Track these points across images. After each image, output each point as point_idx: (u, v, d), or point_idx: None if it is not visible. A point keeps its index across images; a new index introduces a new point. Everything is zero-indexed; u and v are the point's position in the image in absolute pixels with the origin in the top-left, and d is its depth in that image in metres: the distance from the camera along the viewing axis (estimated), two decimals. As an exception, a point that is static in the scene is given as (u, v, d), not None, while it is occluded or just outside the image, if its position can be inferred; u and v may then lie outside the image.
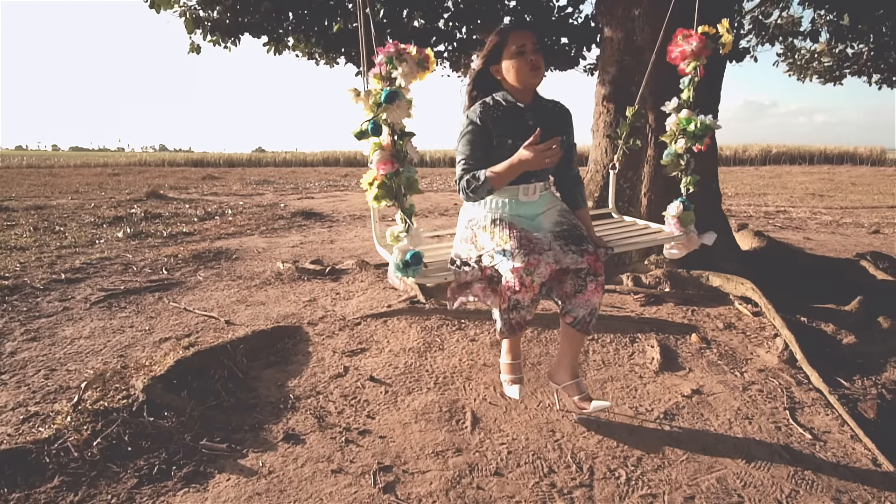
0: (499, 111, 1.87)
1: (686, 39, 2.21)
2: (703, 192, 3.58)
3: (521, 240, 1.79)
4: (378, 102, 1.75)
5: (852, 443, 1.81)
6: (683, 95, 2.28)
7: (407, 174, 1.78)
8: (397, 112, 1.76)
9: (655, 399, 2.11)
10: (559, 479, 1.63)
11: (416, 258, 1.75)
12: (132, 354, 2.49)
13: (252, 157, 34.60)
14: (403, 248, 1.76)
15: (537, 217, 1.96)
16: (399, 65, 1.76)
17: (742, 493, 1.58)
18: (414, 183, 1.80)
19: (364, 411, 2.02)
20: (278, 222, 6.68)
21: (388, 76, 1.77)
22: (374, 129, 1.75)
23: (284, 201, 9.33)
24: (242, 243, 5.03)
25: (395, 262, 1.76)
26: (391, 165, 1.75)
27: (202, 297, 3.35)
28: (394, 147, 1.76)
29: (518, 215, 1.92)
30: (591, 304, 1.84)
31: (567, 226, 1.94)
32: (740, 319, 2.83)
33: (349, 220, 7.04)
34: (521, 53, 1.82)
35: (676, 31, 2.25)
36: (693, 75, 2.23)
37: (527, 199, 1.94)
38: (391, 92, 1.73)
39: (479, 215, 1.95)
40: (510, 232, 1.83)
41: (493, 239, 1.84)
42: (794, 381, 2.22)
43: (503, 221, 1.88)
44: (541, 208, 1.97)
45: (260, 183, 15.17)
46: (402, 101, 1.75)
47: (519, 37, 1.82)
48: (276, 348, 2.54)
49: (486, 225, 1.89)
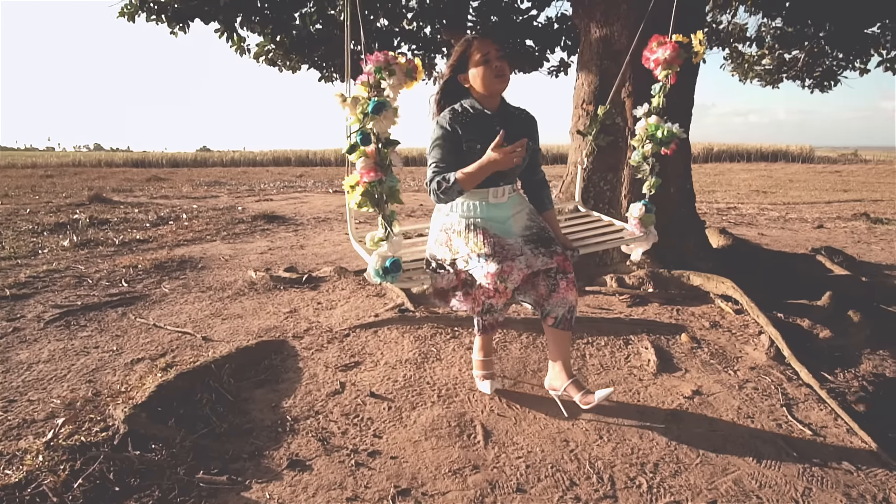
0: (467, 117, 1.94)
1: (660, 47, 2.24)
2: (679, 193, 3.68)
3: (494, 246, 1.89)
4: (365, 112, 1.73)
5: (849, 436, 1.88)
6: (654, 102, 2.33)
7: (390, 183, 1.81)
8: (384, 122, 1.78)
9: (659, 401, 2.12)
10: (582, 492, 1.61)
11: (396, 265, 1.81)
12: (102, 379, 2.29)
13: (197, 157, 33.24)
14: (383, 254, 1.81)
15: (508, 220, 2.02)
16: (388, 76, 1.75)
17: (759, 493, 1.60)
18: (396, 192, 1.83)
19: (370, 430, 1.92)
20: (239, 226, 6.40)
21: (377, 85, 1.75)
22: (364, 139, 1.74)
23: (241, 204, 8.97)
24: (205, 250, 4.77)
25: (375, 268, 1.80)
26: (375, 174, 1.75)
27: (171, 311, 3.14)
28: (378, 155, 1.75)
29: (489, 218, 1.99)
30: (568, 301, 1.91)
31: (536, 229, 2.04)
32: (724, 318, 2.91)
33: (314, 223, 6.83)
34: (486, 62, 1.89)
35: (652, 38, 2.29)
36: (664, 82, 2.28)
37: (496, 202, 2.00)
38: (378, 103, 1.75)
39: (454, 220, 2.01)
40: (484, 238, 1.91)
41: (468, 244, 1.91)
42: (785, 377, 2.29)
43: (477, 227, 1.95)
44: (510, 210, 2.04)
45: (211, 184, 14.54)
46: (388, 112, 1.77)
47: (482, 45, 1.89)
48: (264, 365, 2.40)
49: (461, 230, 1.96)
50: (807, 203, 9.94)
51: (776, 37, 6.72)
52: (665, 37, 2.26)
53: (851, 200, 10.27)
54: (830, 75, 6.79)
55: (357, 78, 1.79)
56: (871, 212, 8.25)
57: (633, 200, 3.53)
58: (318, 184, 14.89)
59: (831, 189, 12.71)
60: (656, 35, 2.29)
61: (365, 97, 1.78)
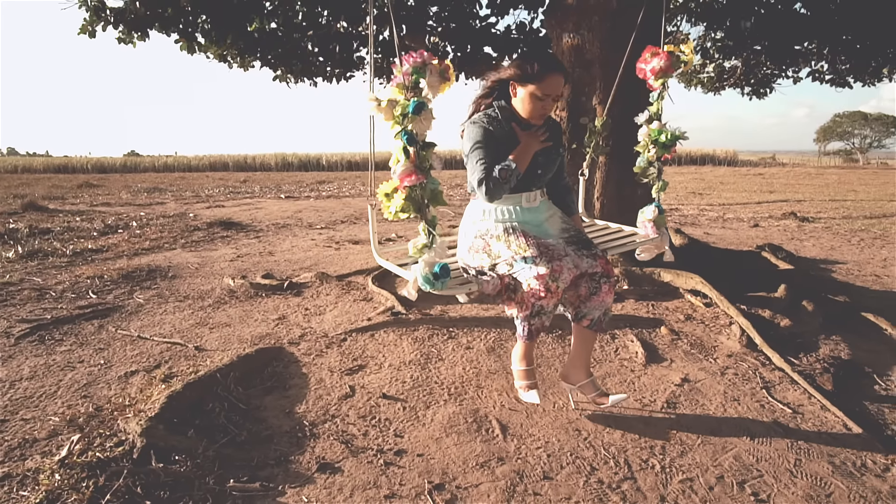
0: (503, 124, 1.97)
1: (654, 57, 2.41)
2: (646, 196, 3.91)
3: (539, 247, 1.89)
4: (405, 113, 1.73)
5: (823, 412, 2.10)
6: (652, 109, 2.48)
7: (431, 186, 1.78)
8: (423, 123, 1.76)
9: (653, 390, 2.28)
10: (604, 476, 1.72)
11: (445, 270, 1.77)
12: (98, 393, 2.20)
13: (127, 162, 31.38)
14: (430, 260, 1.76)
15: (543, 224, 2.05)
16: (425, 76, 1.75)
17: (758, 467, 1.77)
18: (438, 194, 1.80)
19: (389, 430, 1.96)
20: (196, 234, 6.17)
21: (414, 86, 1.75)
22: (410, 139, 1.72)
23: (192, 210, 8.62)
24: (169, 259, 4.59)
25: (423, 275, 1.76)
26: (415, 177, 1.73)
27: (153, 322, 3.02)
28: (417, 158, 1.74)
29: (525, 222, 2.01)
30: (605, 305, 1.98)
31: (573, 231, 2.08)
32: (695, 311, 3.14)
33: (274, 229, 6.68)
34: (543, 98, 1.91)
35: (646, 48, 2.45)
36: (661, 90, 2.44)
37: (529, 205, 2.04)
38: (419, 103, 1.72)
39: (489, 225, 2.01)
40: (526, 240, 1.91)
41: (510, 247, 1.92)
42: (759, 363, 2.52)
43: (515, 230, 1.96)
44: (544, 214, 2.08)
45: (151, 191, 13.84)
46: (427, 112, 1.75)
47: (554, 84, 1.89)
48: (268, 372, 2.37)
49: (500, 234, 1.96)
50: (739, 203, 10.70)
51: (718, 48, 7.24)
52: (658, 48, 2.41)
53: (778, 201, 11.15)
54: (765, 83, 7.40)
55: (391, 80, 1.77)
56: (798, 211, 9.00)
57: (605, 202, 3.77)
58: (265, 189, 14.50)
59: (758, 190, 13.72)
60: (649, 46, 2.45)
61: (402, 99, 1.77)
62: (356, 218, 7.81)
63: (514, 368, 2.09)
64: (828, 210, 9.41)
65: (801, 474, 1.73)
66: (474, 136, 1.94)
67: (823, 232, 6.88)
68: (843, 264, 4.90)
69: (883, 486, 1.68)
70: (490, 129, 1.94)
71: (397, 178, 1.76)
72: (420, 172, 1.74)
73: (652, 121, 2.48)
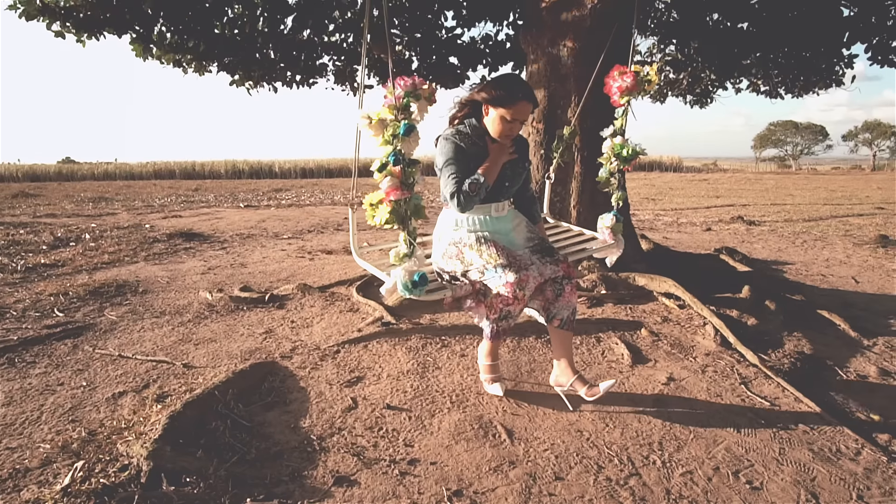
0: (474, 140, 2.14)
1: (622, 76, 2.56)
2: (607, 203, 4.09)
3: (508, 257, 2.08)
4: (395, 134, 1.83)
5: (797, 404, 2.28)
6: (617, 124, 2.65)
7: (415, 201, 1.90)
8: (410, 144, 1.87)
9: (642, 389, 2.40)
10: (611, 474, 1.81)
11: (423, 279, 1.92)
12: (88, 417, 2.10)
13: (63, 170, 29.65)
14: (410, 269, 1.92)
15: (510, 232, 2.25)
16: (415, 100, 1.86)
17: (748, 457, 1.90)
18: (421, 209, 1.96)
19: (399, 440, 1.99)
20: (157, 246, 5.94)
21: (405, 108, 1.85)
22: (396, 160, 1.82)
23: (147, 221, 8.28)
24: (135, 273, 4.40)
25: (403, 282, 1.90)
26: (401, 192, 1.85)
27: (131, 339, 2.91)
28: (403, 175, 1.85)
29: (495, 231, 2.19)
30: (572, 304, 2.16)
31: (537, 240, 2.29)
32: (670, 313, 3.31)
33: (240, 239, 6.52)
34: (511, 122, 2.07)
35: (614, 67, 2.60)
36: (626, 107, 2.61)
37: (498, 215, 2.23)
38: (409, 126, 1.84)
39: (463, 234, 2.18)
40: (497, 250, 2.09)
41: (482, 256, 2.08)
42: (735, 360, 2.69)
43: (487, 240, 2.14)
44: (511, 223, 2.27)
45: (96, 200, 13.17)
46: (415, 134, 1.86)
47: (522, 110, 2.06)
48: (265, 388, 2.34)
49: (472, 243, 2.14)
50: (690, 208, 11.25)
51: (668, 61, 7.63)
52: (626, 67, 2.57)
53: (725, 205, 11.80)
54: (708, 94, 7.86)
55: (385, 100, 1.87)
56: (745, 215, 9.57)
57: (581, 210, 3.92)
58: (220, 198, 14.09)
59: (705, 195, 14.47)
60: (617, 65, 2.61)
61: (392, 119, 1.86)
62: (322, 227, 7.72)
63: (480, 363, 2.33)
64: (770, 214, 10.04)
65: (787, 461, 1.88)
66: (446, 151, 2.10)
67: (770, 234, 7.35)
68: (791, 265, 5.27)
69: (858, 469, 1.84)
70: (461, 145, 2.11)
71: (383, 192, 1.85)
72: (405, 188, 1.85)
73: (616, 135, 2.64)
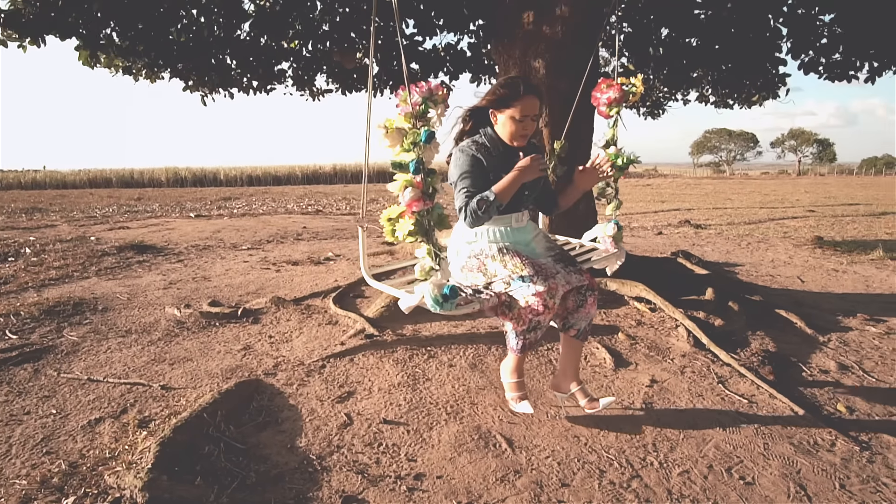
0: (491, 150, 2.03)
1: (609, 88, 2.66)
2: (586, 211, 4.21)
3: (535, 266, 2.00)
4: (416, 142, 1.78)
5: (772, 400, 2.41)
6: (608, 135, 2.72)
7: (437, 211, 1.84)
8: (430, 151, 1.82)
9: (628, 392, 2.48)
10: (613, 477, 1.86)
11: (454, 292, 1.83)
12: (65, 448, 1.96)
13: (-16, 179, 27.67)
14: (438, 282, 1.82)
15: (531, 242, 2.18)
16: (433, 105, 1.82)
17: (736, 453, 2.00)
18: (444, 218, 1.88)
19: (401, 455, 1.96)
20: (107, 260, 5.62)
21: (423, 115, 1.81)
22: (416, 168, 1.77)
23: (91, 233, 7.81)
24: (90, 289, 4.14)
25: (433, 296, 1.79)
26: (423, 203, 1.79)
27: (99, 361, 2.73)
28: (424, 185, 1.80)
29: (516, 241, 2.12)
30: (591, 315, 2.16)
31: (558, 249, 2.23)
32: (643, 316, 3.43)
33: (196, 251, 6.26)
34: (522, 120, 1.97)
35: (601, 80, 2.69)
36: (616, 118, 2.69)
37: (518, 226, 2.14)
38: (430, 133, 1.79)
39: (483, 246, 2.09)
40: (521, 260, 2.02)
41: (507, 267, 2.00)
42: (709, 360, 2.82)
43: (509, 250, 2.06)
44: (531, 233, 2.20)
45: (30, 211, 12.30)
46: (435, 142, 1.82)
47: (529, 105, 1.95)
48: (253, 408, 2.26)
49: (494, 254, 2.05)
50: (639, 213, 11.71)
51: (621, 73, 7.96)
52: (612, 80, 2.65)
53: (671, 210, 12.37)
54: (659, 105, 8.24)
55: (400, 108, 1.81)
56: (691, 219, 10.07)
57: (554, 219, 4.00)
58: (167, 208, 13.50)
59: (651, 200, 15.11)
60: (604, 78, 2.69)
61: (412, 128, 1.81)
62: (282, 237, 7.53)
63: (505, 381, 2.19)
64: (714, 217, 10.60)
65: (772, 456, 1.99)
66: (461, 164, 1.99)
67: (717, 237, 7.75)
68: (741, 266, 5.58)
69: (836, 460, 1.97)
70: (478, 157, 1.99)
71: (405, 204, 1.80)
72: (427, 198, 1.80)
73: (609, 145, 2.72)
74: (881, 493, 1.79)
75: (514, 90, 1.96)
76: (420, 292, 1.80)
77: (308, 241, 7.17)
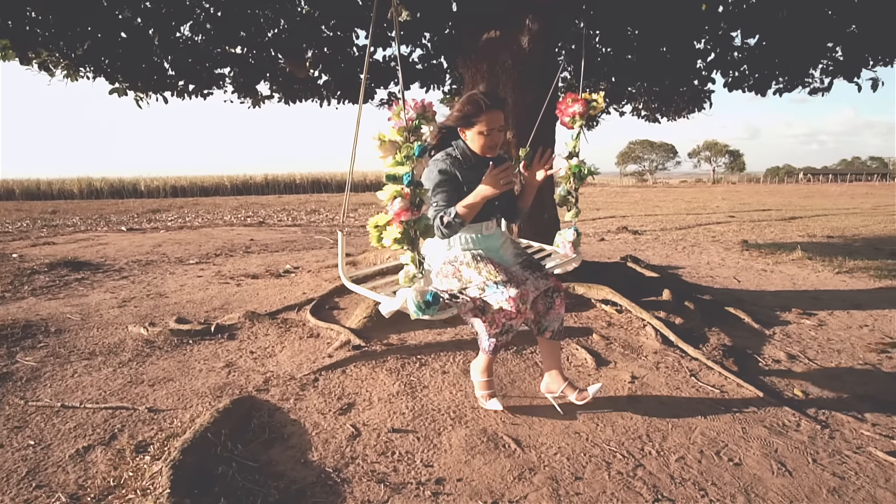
0: (464, 162, 2.14)
1: (574, 102, 2.84)
2: (549, 219, 4.41)
3: (507, 273, 2.17)
4: (409, 156, 1.87)
5: (740, 389, 2.65)
6: (571, 146, 2.91)
7: (424, 221, 1.95)
8: (421, 165, 1.92)
9: (613, 389, 2.64)
10: (620, 468, 1.99)
11: (436, 298, 1.95)
12: (56, 480, 1.82)
13: None
14: (421, 289, 1.94)
15: (499, 249, 2.34)
16: (425, 122, 1.92)
17: (720, 438, 2.20)
18: (430, 228, 2.00)
19: (416, 462, 1.99)
20: (39, 279, 5.18)
21: (415, 129, 1.90)
22: (410, 181, 1.86)
23: (10, 249, 7.14)
24: (34, 311, 3.82)
25: (416, 303, 1.89)
26: (411, 213, 1.89)
27: (67, 387, 2.54)
28: (412, 195, 1.89)
29: (487, 248, 2.27)
30: (560, 316, 2.33)
31: (525, 256, 2.41)
32: (612, 318, 3.64)
33: (140, 267, 5.90)
34: (489, 134, 2.07)
35: (566, 94, 2.87)
36: (579, 131, 2.88)
37: (488, 233, 2.29)
38: (423, 147, 1.91)
39: (457, 253, 2.23)
40: (495, 267, 2.16)
41: (481, 273, 2.14)
42: (678, 356, 3.05)
43: (483, 257, 2.20)
44: (499, 240, 2.36)
45: (-74, 226, 11.04)
46: (426, 156, 1.92)
47: (493, 119, 2.06)
48: (254, 425, 2.20)
49: (468, 261, 2.19)
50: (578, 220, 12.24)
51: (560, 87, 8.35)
52: (576, 94, 2.84)
53: (607, 217, 13.04)
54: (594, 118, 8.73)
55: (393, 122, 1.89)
56: (628, 225, 10.67)
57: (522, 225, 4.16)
58: (90, 222, 12.57)
59: (587, 208, 15.83)
60: (569, 93, 2.87)
61: (403, 142, 1.89)
62: (230, 250, 7.24)
63: (476, 379, 2.39)
64: (648, 223, 11.29)
65: (751, 438, 2.20)
66: (433, 178, 2.08)
67: (654, 242, 8.28)
68: (683, 268, 6.01)
69: (804, 438, 2.21)
70: (450, 170, 2.09)
71: (393, 213, 1.87)
72: (415, 209, 1.89)
73: (572, 157, 2.90)
74: (846, 463, 2.03)
75: (476, 107, 2.06)
76: (402, 297, 1.88)
77: (259, 254, 6.94)
